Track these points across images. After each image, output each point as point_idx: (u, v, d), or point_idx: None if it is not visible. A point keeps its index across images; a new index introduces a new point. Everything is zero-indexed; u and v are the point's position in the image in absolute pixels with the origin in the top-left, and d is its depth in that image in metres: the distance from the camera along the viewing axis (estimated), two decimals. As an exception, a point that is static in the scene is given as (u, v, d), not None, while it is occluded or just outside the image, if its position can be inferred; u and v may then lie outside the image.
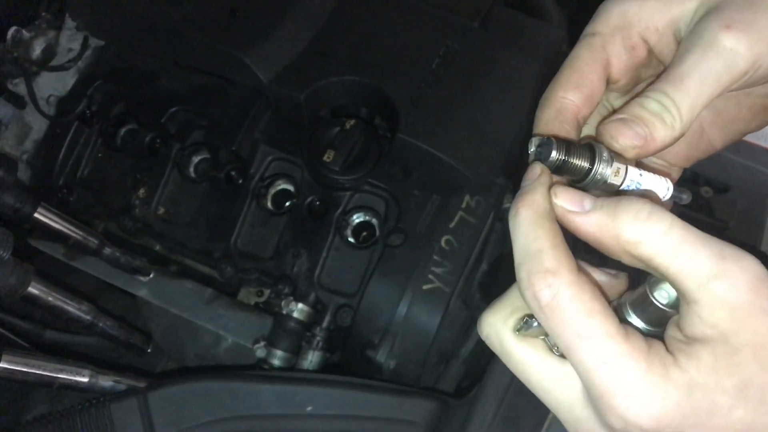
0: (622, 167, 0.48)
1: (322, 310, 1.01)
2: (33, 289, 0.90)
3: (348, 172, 1.01)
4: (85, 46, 1.16)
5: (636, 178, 0.49)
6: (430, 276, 0.96)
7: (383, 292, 0.97)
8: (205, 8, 1.08)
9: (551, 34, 1.14)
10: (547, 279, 0.42)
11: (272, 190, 1.06)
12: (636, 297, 0.47)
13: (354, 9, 1.10)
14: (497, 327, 0.48)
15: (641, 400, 0.40)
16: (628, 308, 0.47)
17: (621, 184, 0.48)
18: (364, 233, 1.03)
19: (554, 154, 0.47)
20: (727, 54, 0.45)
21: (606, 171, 0.48)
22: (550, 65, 1.10)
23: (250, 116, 1.06)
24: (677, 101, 0.46)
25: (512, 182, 1.03)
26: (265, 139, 1.07)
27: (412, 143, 0.99)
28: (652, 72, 0.55)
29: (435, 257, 0.97)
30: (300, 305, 0.99)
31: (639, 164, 0.50)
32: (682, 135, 0.47)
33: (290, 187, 1.06)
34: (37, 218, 0.97)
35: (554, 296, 0.42)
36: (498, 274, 1.08)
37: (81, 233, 1.01)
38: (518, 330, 0.47)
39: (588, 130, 0.55)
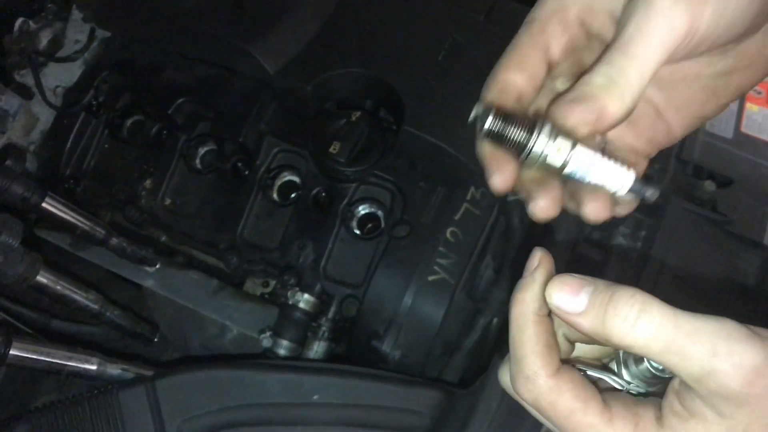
0: (567, 144, 0.46)
1: (327, 300, 1.01)
2: (41, 278, 0.91)
3: (353, 163, 1.02)
4: (91, 37, 1.17)
5: (586, 163, 0.46)
6: (436, 267, 0.97)
7: (388, 283, 0.97)
8: (212, 0, 1.08)
9: (556, 28, 1.14)
10: (527, 385, 0.46)
11: (278, 182, 1.07)
12: (633, 358, 0.48)
13: (360, 1, 1.11)
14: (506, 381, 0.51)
15: None
16: (623, 368, 0.48)
17: (564, 165, 0.46)
18: (369, 225, 1.04)
19: (489, 121, 0.46)
20: (666, 15, 0.45)
21: (546, 147, 0.45)
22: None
23: (256, 108, 1.06)
24: (625, 69, 0.46)
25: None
26: (271, 130, 1.07)
27: (418, 135, 0.99)
28: (594, 56, 0.54)
29: (440, 249, 0.97)
30: (306, 296, 1.00)
31: (603, 152, 0.48)
32: (634, 105, 0.47)
33: (296, 179, 1.07)
34: (44, 208, 0.98)
35: (536, 400, 0.46)
36: (502, 270, 1.09)
37: (88, 223, 1.01)
38: None
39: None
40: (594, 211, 0.51)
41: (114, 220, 1.13)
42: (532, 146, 0.45)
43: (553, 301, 0.45)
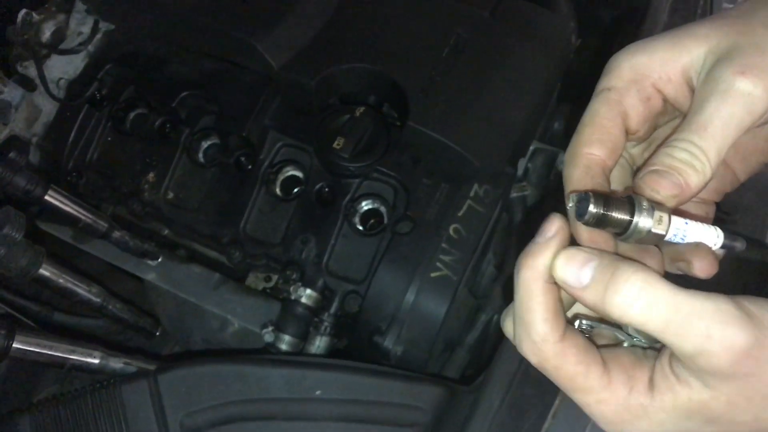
0: (665, 216, 0.48)
1: (330, 296, 1.01)
2: (44, 271, 0.91)
3: (357, 159, 1.02)
4: (95, 29, 1.17)
5: (681, 227, 0.50)
6: (438, 264, 0.97)
7: (391, 278, 0.98)
8: (217, -7, 1.08)
9: (560, 25, 1.14)
10: (533, 349, 0.48)
11: (281, 177, 1.07)
12: None
13: (365, -4, 1.10)
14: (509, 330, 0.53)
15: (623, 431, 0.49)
16: (629, 327, 0.50)
17: (666, 234, 0.49)
18: (372, 221, 1.04)
19: (592, 208, 0.48)
20: (745, 98, 0.48)
21: (647, 222, 0.48)
22: (558, 55, 1.10)
23: (260, 102, 1.06)
24: (704, 148, 0.48)
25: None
26: (275, 125, 1.07)
27: (422, 131, 0.99)
28: (668, 118, 0.57)
29: (443, 245, 0.97)
30: (308, 291, 1.00)
31: (681, 214, 0.51)
32: (711, 178, 0.49)
33: (299, 174, 1.07)
34: (47, 200, 0.98)
35: (542, 363, 0.49)
36: (504, 267, 1.09)
37: (91, 216, 1.01)
38: None
39: (613, 185, 0.57)
40: (705, 269, 0.54)
41: (116, 214, 1.13)
42: (637, 223, 0.48)
43: (558, 273, 0.47)
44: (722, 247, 0.52)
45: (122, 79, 1.14)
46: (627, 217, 0.48)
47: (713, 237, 0.51)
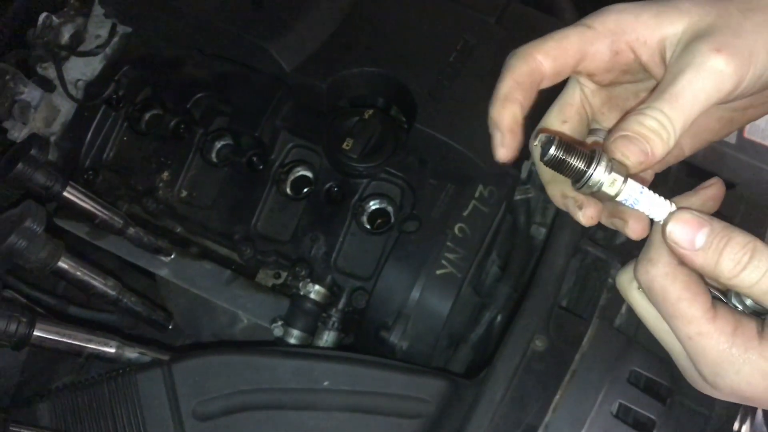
0: (620, 179, 0.51)
1: (337, 292, 1.04)
2: (63, 264, 0.94)
3: (366, 160, 1.05)
4: (112, 32, 1.20)
5: (635, 194, 0.51)
6: (443, 261, 1.00)
7: (397, 275, 1.00)
8: (231, -1, 1.12)
9: (565, 32, 1.17)
10: (647, 266, 0.51)
11: (292, 176, 1.10)
12: None
13: (375, 2, 1.14)
14: (624, 284, 0.56)
15: (723, 372, 0.49)
16: (733, 293, 0.52)
17: (616, 195, 0.51)
18: (380, 220, 1.07)
19: (553, 150, 0.51)
20: (717, 75, 0.50)
21: (602, 177, 0.50)
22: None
23: (272, 104, 1.09)
24: (672, 118, 0.51)
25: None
26: (287, 126, 1.10)
27: (429, 133, 1.02)
28: (631, 78, 0.60)
29: (448, 243, 1.00)
30: (317, 287, 1.03)
31: (640, 181, 0.53)
32: (672, 149, 0.52)
33: (309, 174, 1.10)
34: (65, 197, 1.01)
35: (651, 281, 0.50)
36: (507, 268, 1.12)
37: (107, 213, 1.05)
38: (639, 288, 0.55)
39: (566, 129, 0.61)
40: (637, 231, 0.56)
41: (131, 211, 1.16)
42: (590, 176, 0.51)
43: (674, 235, 0.49)
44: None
45: (139, 80, 1.17)
46: (584, 168, 0.51)
47: (664, 210, 0.52)
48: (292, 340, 1.02)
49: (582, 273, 1.04)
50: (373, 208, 1.06)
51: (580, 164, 0.51)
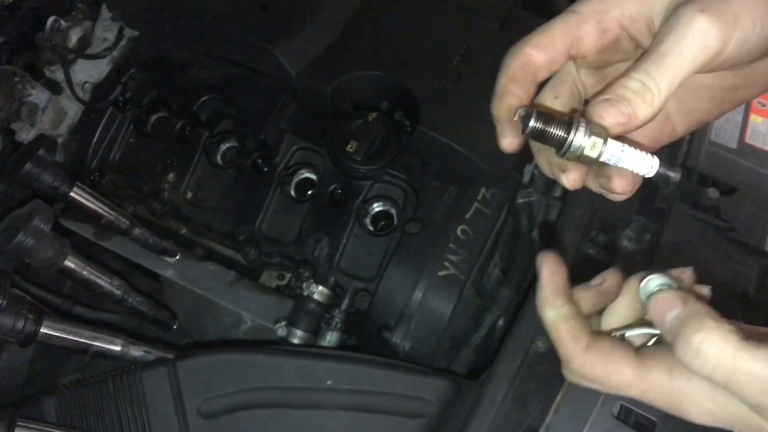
0: (599, 141, 0.52)
1: (341, 293, 1.05)
2: (69, 263, 0.95)
3: (369, 162, 1.06)
4: (120, 36, 1.22)
5: (617, 153, 0.53)
6: (446, 263, 1.00)
7: (400, 277, 1.01)
8: (237, 2, 1.13)
9: (567, 37, 1.18)
10: (567, 371, 0.54)
11: (296, 178, 1.11)
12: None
13: (379, 7, 1.15)
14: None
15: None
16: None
17: (598, 157, 0.53)
18: (383, 222, 1.08)
19: (532, 122, 0.53)
20: (701, 35, 0.50)
21: (582, 141, 0.52)
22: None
23: (277, 107, 1.11)
24: (657, 79, 0.51)
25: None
26: (291, 129, 1.11)
27: (432, 136, 1.03)
28: (620, 57, 0.61)
29: (451, 245, 1.01)
30: (320, 288, 1.03)
31: (623, 140, 0.54)
32: (659, 112, 0.52)
33: (313, 176, 1.11)
34: (72, 197, 1.02)
35: (578, 380, 0.54)
36: (510, 270, 1.13)
37: (113, 213, 1.06)
38: None
39: (558, 105, 0.61)
40: (621, 186, 0.56)
41: (137, 212, 1.17)
42: (571, 142, 0.52)
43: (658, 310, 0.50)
44: (657, 175, 0.55)
45: (145, 83, 1.19)
46: (563, 135, 0.52)
47: (648, 164, 0.53)
48: (296, 341, 1.03)
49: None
50: (377, 210, 1.07)
51: (559, 132, 0.52)
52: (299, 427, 0.88)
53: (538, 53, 0.58)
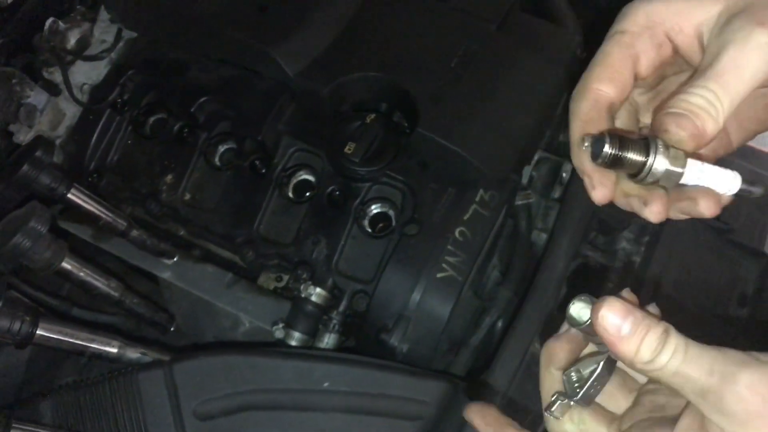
0: (681, 157, 0.49)
1: (339, 295, 1.05)
2: (66, 264, 0.95)
3: (367, 164, 1.05)
4: (118, 37, 1.22)
5: (696, 173, 0.50)
6: (444, 265, 1.00)
7: (398, 278, 1.01)
8: (235, 3, 1.13)
9: (566, 38, 1.18)
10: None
11: (294, 180, 1.11)
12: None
13: (378, 8, 1.15)
14: None
15: None
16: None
17: (683, 174, 0.49)
18: (381, 223, 1.07)
19: (608, 148, 0.48)
20: (763, 48, 0.49)
21: (663, 163, 0.48)
22: (564, 67, 1.14)
23: (275, 108, 1.10)
24: (719, 95, 0.49)
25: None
26: (289, 130, 1.11)
27: (431, 138, 1.03)
28: (675, 69, 0.59)
29: (449, 247, 1.01)
30: (318, 289, 1.03)
31: (697, 157, 0.51)
32: (722, 127, 0.50)
33: (311, 178, 1.11)
34: (70, 199, 1.02)
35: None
36: (508, 272, 1.12)
37: (111, 215, 1.06)
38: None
39: (618, 125, 0.58)
40: (710, 207, 0.53)
41: (135, 214, 1.17)
42: (651, 165, 0.49)
43: (605, 321, 0.48)
44: (740, 192, 0.52)
45: (143, 84, 1.18)
46: (642, 158, 0.48)
47: (730, 180, 0.50)
48: (293, 343, 1.03)
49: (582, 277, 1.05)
50: (375, 211, 1.07)
51: (637, 155, 0.49)
52: (296, 430, 0.87)
53: (606, 86, 0.55)
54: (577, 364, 0.53)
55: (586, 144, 0.51)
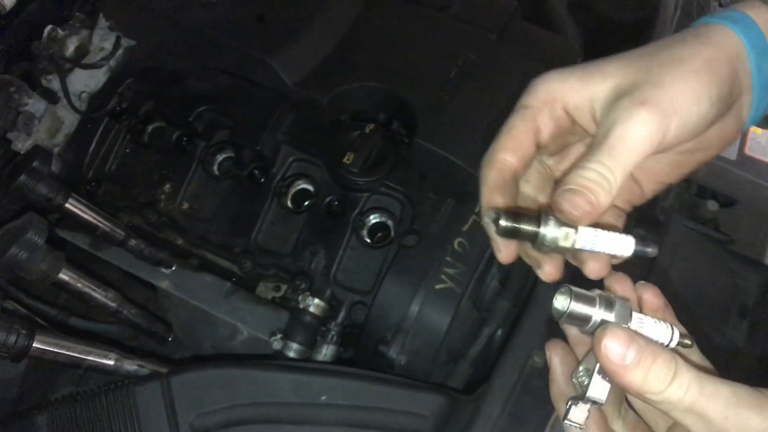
0: (571, 231, 0.54)
1: (337, 306, 1.04)
2: (63, 275, 0.95)
3: (366, 174, 1.05)
4: (117, 45, 1.21)
5: (590, 239, 0.55)
6: (443, 276, 1.00)
7: (397, 290, 1.00)
8: (234, 13, 1.13)
9: (565, 48, 1.18)
10: None
11: (292, 190, 1.10)
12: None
13: (376, 18, 1.14)
14: None
15: None
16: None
17: (571, 246, 0.55)
18: (380, 234, 1.07)
19: (503, 221, 0.55)
20: (644, 125, 0.54)
21: (555, 233, 0.54)
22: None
23: (274, 118, 1.10)
24: (612, 168, 0.54)
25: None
26: (288, 140, 1.11)
27: (429, 148, 1.03)
28: (577, 138, 0.65)
29: (448, 258, 1.00)
30: (316, 300, 1.03)
31: (594, 225, 0.56)
32: (615, 196, 0.55)
33: (310, 187, 1.10)
34: (67, 208, 1.02)
35: None
36: (507, 283, 1.12)
37: (108, 224, 1.05)
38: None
39: (529, 189, 0.65)
40: (595, 270, 0.59)
41: (132, 223, 1.16)
42: (544, 236, 0.55)
43: (608, 351, 0.48)
44: (635, 253, 0.56)
45: (142, 93, 1.18)
46: (535, 230, 0.55)
47: (623, 245, 0.55)
48: (291, 354, 1.02)
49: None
50: (373, 222, 1.07)
51: (531, 227, 0.55)
52: (294, 443, 0.87)
53: (510, 156, 0.60)
54: (581, 364, 0.56)
55: (486, 219, 0.58)
